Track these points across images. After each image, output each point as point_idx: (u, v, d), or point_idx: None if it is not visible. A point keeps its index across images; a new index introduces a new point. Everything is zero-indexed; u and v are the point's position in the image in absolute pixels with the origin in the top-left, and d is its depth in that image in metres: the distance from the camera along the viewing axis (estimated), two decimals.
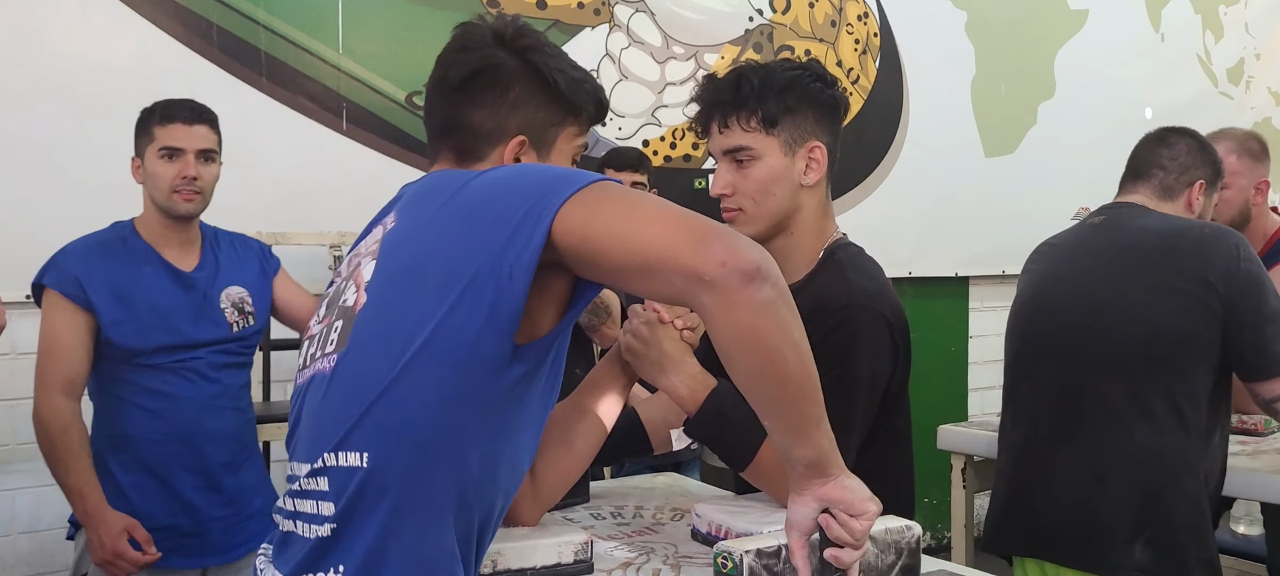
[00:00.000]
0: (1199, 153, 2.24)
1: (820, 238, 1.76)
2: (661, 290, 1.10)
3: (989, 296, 5.03)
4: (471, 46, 1.32)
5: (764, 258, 1.05)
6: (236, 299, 2.43)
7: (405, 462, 1.12)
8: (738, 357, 1.11)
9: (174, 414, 2.30)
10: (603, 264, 1.10)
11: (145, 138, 2.32)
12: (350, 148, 3.45)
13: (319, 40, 3.40)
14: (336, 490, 1.13)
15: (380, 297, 1.17)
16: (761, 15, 4.24)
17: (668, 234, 1.06)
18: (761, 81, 1.67)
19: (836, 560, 1.25)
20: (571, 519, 1.79)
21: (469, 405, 1.13)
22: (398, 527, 1.12)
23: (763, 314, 1.06)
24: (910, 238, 4.66)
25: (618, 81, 3.95)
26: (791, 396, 1.13)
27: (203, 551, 2.35)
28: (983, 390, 4.94)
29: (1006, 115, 4.97)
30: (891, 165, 4.61)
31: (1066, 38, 5.13)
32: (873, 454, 1.65)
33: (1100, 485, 2.05)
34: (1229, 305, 2.00)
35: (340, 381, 1.16)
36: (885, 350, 1.67)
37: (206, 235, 2.46)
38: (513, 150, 1.31)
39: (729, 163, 1.71)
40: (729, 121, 1.69)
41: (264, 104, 3.32)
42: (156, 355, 2.29)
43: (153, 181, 2.31)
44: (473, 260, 1.10)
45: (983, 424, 2.77)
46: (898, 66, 4.60)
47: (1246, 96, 5.88)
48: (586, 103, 1.36)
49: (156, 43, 3.16)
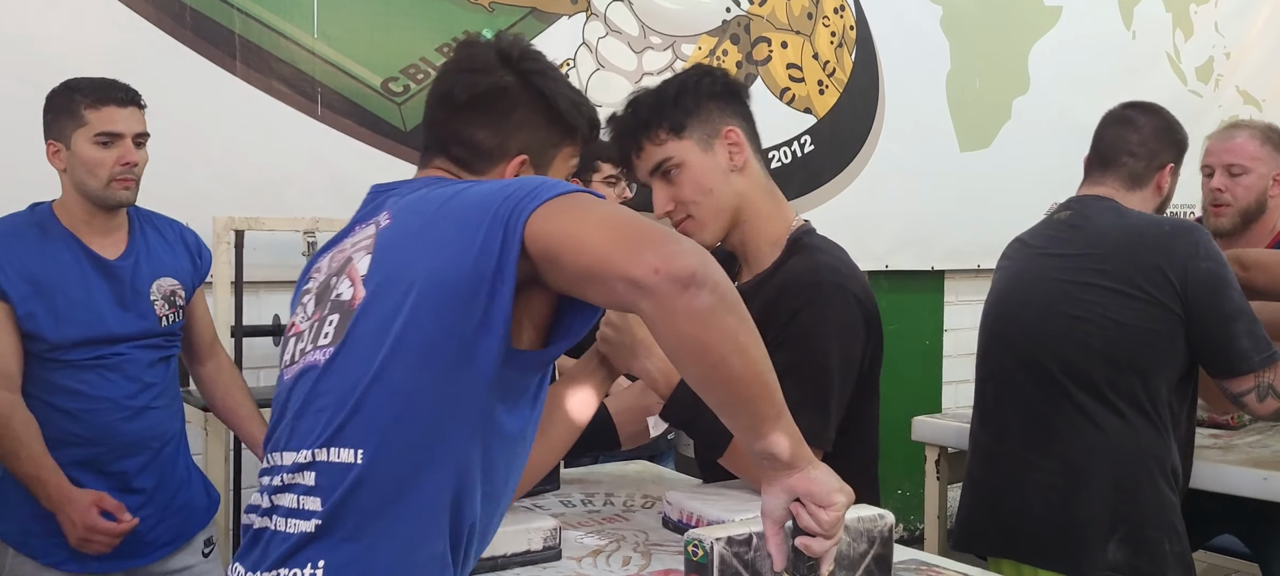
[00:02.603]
0: (1166, 133, 2.21)
1: (778, 222, 1.77)
2: (609, 298, 1.12)
3: (964, 290, 5.05)
4: (478, 68, 1.36)
5: (702, 263, 1.06)
6: (167, 290, 2.32)
7: (400, 462, 1.12)
8: (683, 364, 1.13)
9: (90, 416, 2.19)
10: (561, 271, 1.12)
11: (71, 121, 2.18)
12: (325, 133, 3.42)
13: (294, 24, 3.36)
14: (326, 485, 1.12)
15: (377, 296, 1.17)
16: (738, 6, 4.23)
17: (609, 241, 1.08)
18: (654, 100, 1.74)
19: (807, 549, 1.25)
20: (541, 505, 1.78)
21: (464, 408, 1.14)
22: (390, 529, 1.11)
23: (701, 321, 1.06)
24: (886, 231, 4.67)
25: (594, 70, 3.93)
26: (742, 398, 1.14)
27: (126, 553, 2.24)
28: (957, 383, 4.96)
29: (981, 110, 4.99)
30: (867, 158, 4.61)
31: (1040, 33, 5.16)
32: (840, 440, 1.66)
33: (1072, 485, 2.05)
34: (1190, 304, 2.00)
35: (335, 375, 1.16)
36: (857, 329, 1.69)
37: (134, 220, 2.33)
38: (514, 169, 1.35)
39: (659, 182, 1.76)
40: (643, 146, 1.74)
41: (237, 87, 3.28)
42: (74, 350, 2.18)
43: (86, 168, 2.17)
44: (464, 265, 1.12)
45: (957, 415, 2.77)
46: (874, 60, 4.61)
47: (1215, 95, 5.93)
48: (583, 124, 1.40)
49: (128, 22, 3.12)
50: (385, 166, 3.45)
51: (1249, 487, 2.23)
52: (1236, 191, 2.71)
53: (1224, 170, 2.74)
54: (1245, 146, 2.73)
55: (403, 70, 3.52)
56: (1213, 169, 2.78)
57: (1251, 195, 2.72)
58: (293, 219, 3.25)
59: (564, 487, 1.91)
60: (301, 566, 1.10)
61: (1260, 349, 2.00)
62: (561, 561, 1.52)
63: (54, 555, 2.20)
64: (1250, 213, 2.73)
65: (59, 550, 2.20)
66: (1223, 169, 2.74)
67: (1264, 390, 2.02)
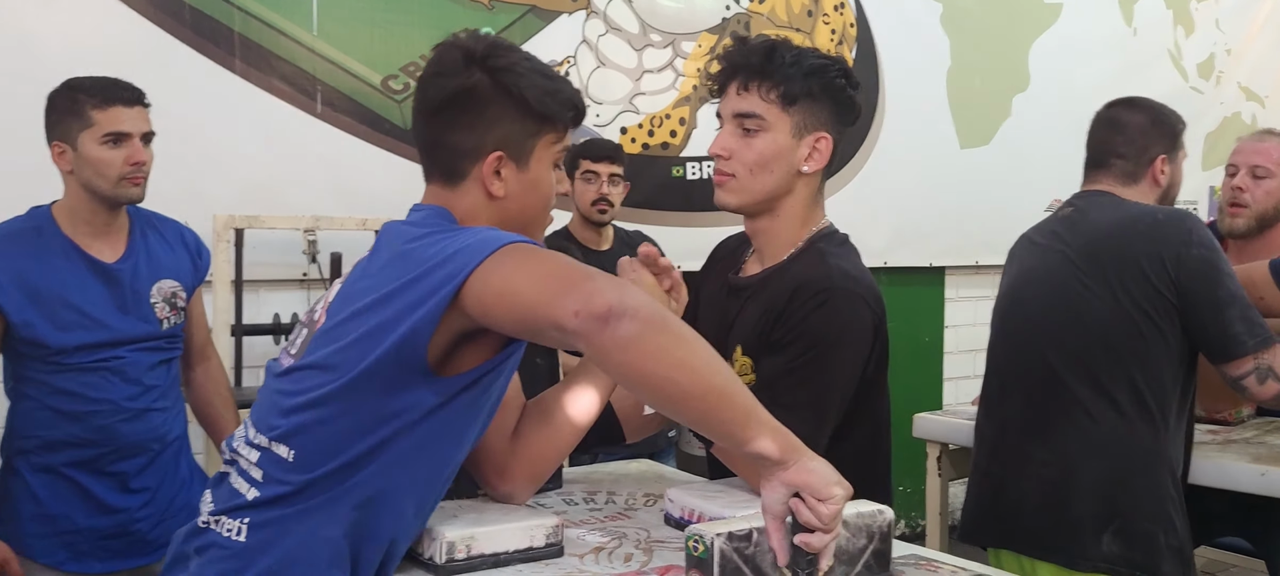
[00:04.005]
0: (1153, 127, 2.22)
1: (806, 226, 1.76)
2: (549, 343, 1.26)
3: (964, 286, 5.05)
4: (445, 71, 1.39)
5: (619, 295, 1.11)
6: (169, 292, 2.31)
7: (322, 469, 1.27)
8: (637, 393, 1.25)
9: (90, 417, 2.20)
10: (501, 325, 1.24)
11: (77, 121, 2.16)
12: (324, 131, 3.42)
13: (293, 22, 3.36)
14: (264, 467, 1.31)
15: (330, 323, 1.33)
16: (739, 4, 4.23)
17: (534, 292, 1.17)
18: (792, 59, 1.68)
19: (807, 544, 1.25)
20: (544, 503, 1.78)
21: (385, 429, 1.27)
22: (299, 517, 1.28)
23: (632, 351, 1.12)
24: (886, 228, 4.67)
25: (595, 68, 3.93)
26: (702, 411, 1.18)
27: (128, 553, 2.26)
28: (957, 379, 4.97)
29: (981, 107, 4.99)
30: (867, 155, 4.62)
31: (1040, 30, 5.16)
32: (850, 438, 1.66)
33: (1069, 477, 2.07)
34: (1183, 291, 2.02)
35: (289, 384, 1.33)
36: (865, 335, 1.68)
37: (135, 222, 2.32)
38: (491, 165, 1.38)
39: (736, 127, 1.71)
40: (750, 86, 1.69)
41: (237, 86, 3.29)
42: (76, 354, 2.18)
43: (95, 168, 2.16)
44: (394, 315, 1.25)
45: (958, 412, 2.78)
46: (874, 57, 4.61)
47: (1217, 91, 5.93)
48: (561, 111, 1.42)
49: (127, 21, 3.12)
50: (385, 164, 3.46)
51: (1247, 482, 2.24)
52: (1257, 193, 2.74)
53: (1248, 170, 2.76)
54: (1274, 151, 2.76)
55: (403, 68, 3.52)
56: (1237, 168, 2.80)
57: (1271, 201, 2.74)
58: (293, 217, 3.25)
59: (567, 486, 1.91)
60: (234, 519, 1.30)
61: (1255, 332, 2.01)
62: (563, 558, 1.52)
63: (53, 555, 2.21)
64: (1267, 218, 2.75)
65: (59, 551, 2.21)
66: (1248, 169, 2.76)
67: (1264, 372, 2.02)
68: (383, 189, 3.33)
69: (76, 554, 2.22)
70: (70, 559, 2.21)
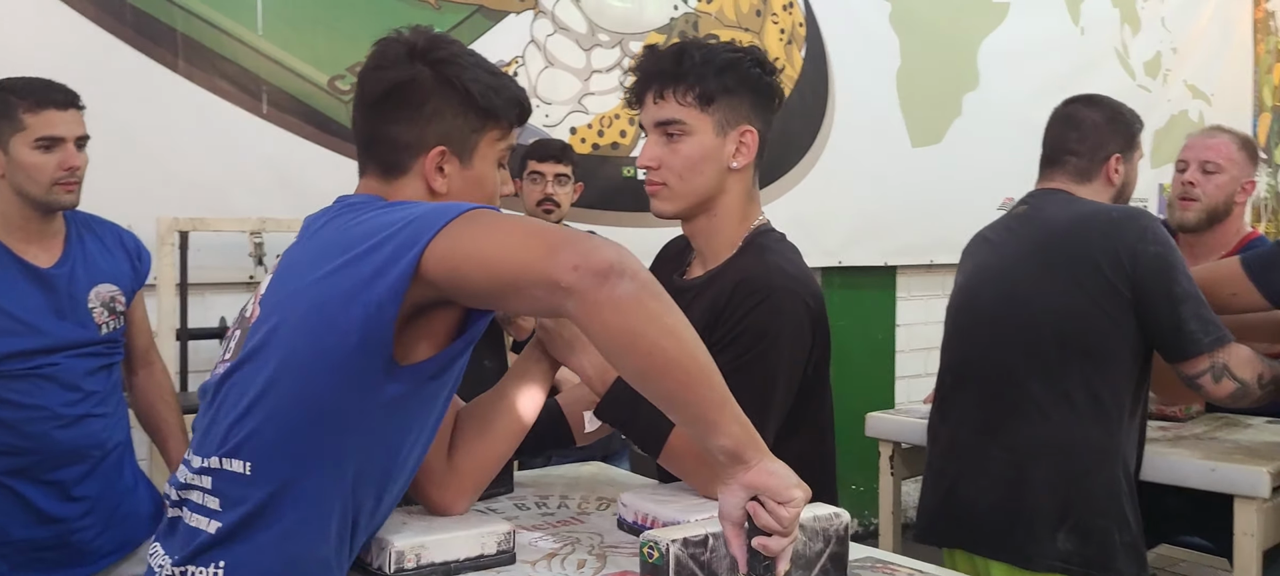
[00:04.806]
0: (1108, 125, 2.23)
1: (744, 223, 1.75)
2: (530, 306, 1.17)
3: (916, 286, 5.08)
4: (386, 65, 1.35)
5: (618, 254, 1.08)
6: (107, 297, 2.27)
7: (283, 474, 1.20)
8: (618, 359, 1.15)
9: (26, 425, 2.14)
10: (472, 289, 1.16)
11: (8, 124, 2.11)
12: (270, 132, 3.35)
13: (237, 21, 3.30)
14: (220, 490, 1.22)
15: (267, 317, 1.25)
16: (686, 4, 4.22)
17: (522, 249, 1.11)
18: (703, 58, 1.66)
19: (764, 548, 1.24)
20: (495, 509, 1.76)
21: (343, 422, 1.20)
22: (284, 531, 1.20)
23: (627, 310, 1.08)
24: (839, 227, 4.68)
25: (543, 68, 3.90)
26: (683, 383, 1.14)
27: (66, 563, 2.21)
28: (909, 378, 4.99)
29: (932, 106, 5.02)
30: (819, 154, 4.63)
31: (989, 29, 5.20)
32: (795, 441, 1.64)
33: (1022, 476, 2.07)
34: (1138, 288, 2.02)
35: (230, 390, 1.25)
36: (804, 334, 1.67)
37: (71, 226, 2.27)
38: (433, 160, 1.34)
39: (659, 136, 1.70)
40: (665, 93, 1.68)
41: (180, 86, 3.21)
42: (8, 361, 2.13)
43: (27, 173, 2.12)
44: (346, 292, 1.17)
45: (910, 411, 2.78)
46: (823, 57, 4.62)
47: (1163, 89, 6.02)
48: (504, 108, 1.38)
49: (64, 19, 3.04)
50: (333, 164, 3.40)
51: (1196, 478, 2.25)
52: (1208, 188, 2.78)
53: (1198, 166, 2.80)
54: (1223, 147, 2.80)
55: (349, 68, 3.46)
56: (1187, 164, 2.84)
57: (1221, 195, 2.78)
58: (239, 219, 3.19)
59: (518, 490, 1.88)
60: (205, 566, 1.21)
61: (1209, 331, 2.02)
62: (515, 565, 1.49)
63: None
64: (1217, 212, 2.79)
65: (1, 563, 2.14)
66: (1198, 164, 2.80)
67: (1218, 371, 2.03)
68: (331, 189, 3.16)
69: (13, 565, 2.16)
70: (8, 571, 2.16)
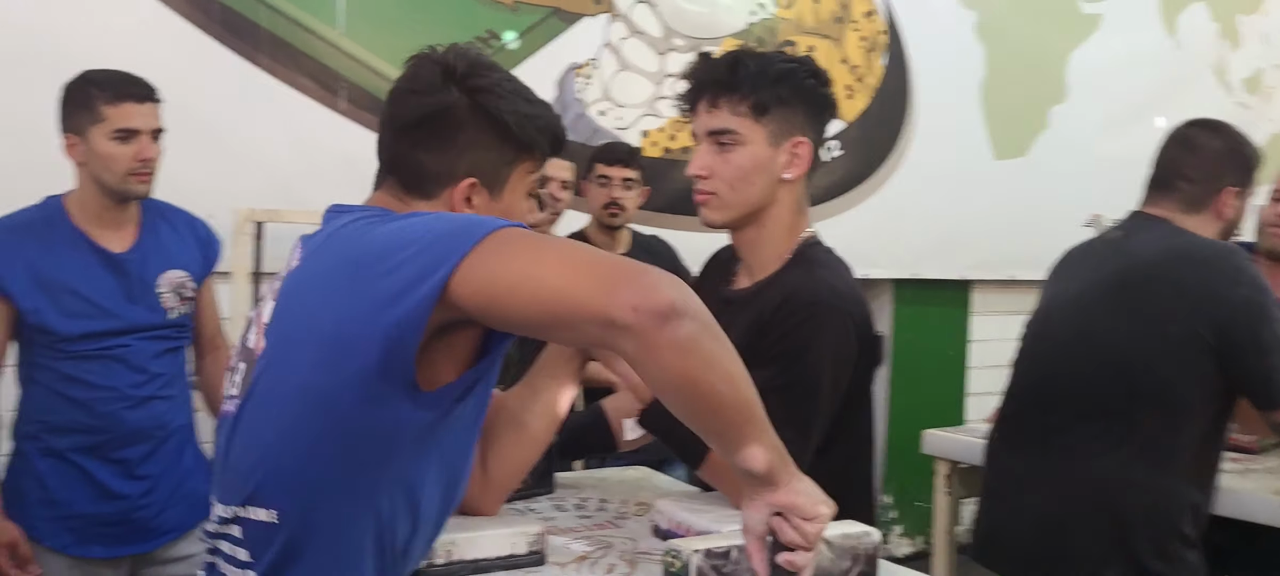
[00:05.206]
0: (1228, 156, 2.10)
1: (792, 235, 1.74)
2: (579, 340, 1.11)
3: (993, 302, 4.96)
4: (420, 88, 1.27)
5: (679, 293, 1.03)
6: (176, 283, 2.34)
7: (315, 517, 1.14)
8: (671, 397, 1.10)
9: (94, 404, 2.23)
10: (510, 320, 1.08)
11: (88, 115, 2.19)
12: (347, 127, 3.44)
13: (319, 19, 3.39)
14: (252, 540, 1.16)
15: (276, 348, 1.17)
16: (764, 10, 4.20)
17: (575, 283, 1.03)
18: (757, 67, 1.65)
19: (789, 564, 1.23)
20: (533, 509, 1.77)
21: (371, 456, 1.14)
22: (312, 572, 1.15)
23: (686, 353, 1.04)
24: (913, 239, 4.61)
25: (617, 71, 3.92)
26: (731, 422, 1.13)
27: (129, 539, 2.30)
28: (980, 395, 4.87)
29: (1017, 118, 4.90)
30: (897, 164, 4.56)
31: (1078, 41, 5.06)
32: (831, 456, 1.63)
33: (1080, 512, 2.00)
34: (1223, 334, 1.92)
35: (243, 431, 1.18)
36: (850, 352, 1.65)
37: (145, 213, 2.34)
38: (463, 192, 1.27)
39: (711, 144, 1.69)
40: (719, 102, 1.67)
41: (262, 81, 3.31)
42: (81, 342, 2.21)
43: (103, 163, 2.19)
44: (363, 315, 1.09)
45: (970, 430, 2.73)
46: (904, 65, 4.55)
47: (1265, 107, 5.80)
48: (540, 139, 1.32)
49: (156, 16, 3.16)
50: None
51: (1266, 514, 2.17)
52: None
53: None
54: None
55: None
56: None
57: None
58: (312, 212, 3.21)
59: (558, 491, 1.90)
60: None
61: None
62: (545, 567, 1.50)
63: (58, 539, 2.24)
64: None
65: (63, 534, 2.24)
66: None
67: None
68: None
69: (80, 538, 2.25)
70: (74, 543, 2.25)
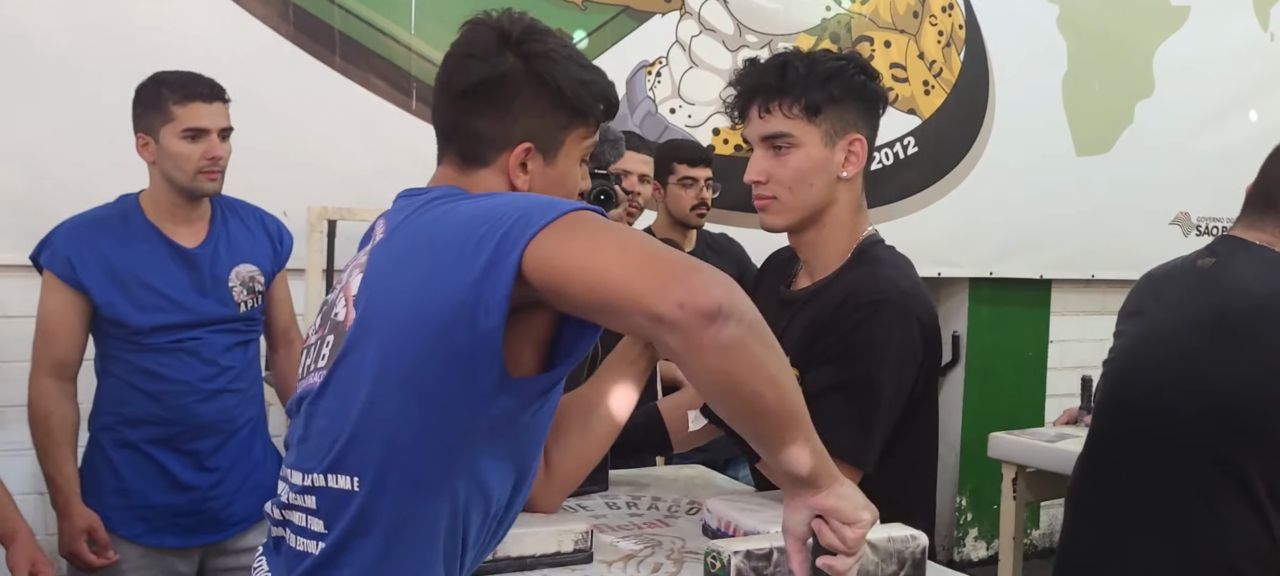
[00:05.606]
0: None
1: (853, 233, 1.73)
2: (628, 329, 1.11)
3: (1073, 301, 4.85)
4: (476, 53, 1.28)
5: (728, 293, 1.02)
6: (247, 277, 2.40)
7: (395, 491, 1.14)
8: (713, 399, 1.10)
9: (167, 397, 2.29)
10: (570, 299, 1.09)
11: (159, 115, 2.26)
12: (419, 127, 3.47)
13: (392, 20, 3.44)
14: (326, 510, 1.16)
15: (365, 321, 1.17)
16: (839, 4, 4.15)
17: (627, 274, 1.03)
18: (806, 69, 1.64)
19: (829, 568, 1.22)
20: (585, 506, 1.77)
21: (458, 439, 1.14)
22: (389, 556, 1.14)
23: (731, 355, 1.03)
24: (992, 237, 4.52)
25: (687, 69, 3.90)
26: (772, 427, 1.12)
27: (199, 530, 2.36)
28: (1061, 397, 4.75)
29: (1100, 113, 4.78)
30: (975, 161, 4.47)
31: (1166, 34, 4.91)
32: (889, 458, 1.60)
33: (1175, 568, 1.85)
34: None
35: (330, 400, 1.18)
36: (915, 350, 1.63)
37: (216, 209, 2.41)
38: (519, 156, 1.28)
39: (766, 149, 1.68)
40: (771, 107, 1.66)
41: (335, 81, 3.37)
42: (154, 335, 2.28)
43: (174, 161, 2.26)
44: (449, 295, 1.09)
45: (1037, 433, 2.66)
46: (984, 60, 4.46)
47: None
48: (594, 105, 1.32)
49: (235, 19, 3.24)
50: None
51: None
52: None
53: None
54: None
55: None
56: None
57: None
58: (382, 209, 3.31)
59: (612, 488, 1.90)
60: None
61: None
62: (591, 565, 1.51)
63: (131, 528, 2.31)
64: None
65: (136, 524, 2.31)
66: None
67: None
68: None
69: (152, 528, 2.32)
70: (147, 532, 2.32)
